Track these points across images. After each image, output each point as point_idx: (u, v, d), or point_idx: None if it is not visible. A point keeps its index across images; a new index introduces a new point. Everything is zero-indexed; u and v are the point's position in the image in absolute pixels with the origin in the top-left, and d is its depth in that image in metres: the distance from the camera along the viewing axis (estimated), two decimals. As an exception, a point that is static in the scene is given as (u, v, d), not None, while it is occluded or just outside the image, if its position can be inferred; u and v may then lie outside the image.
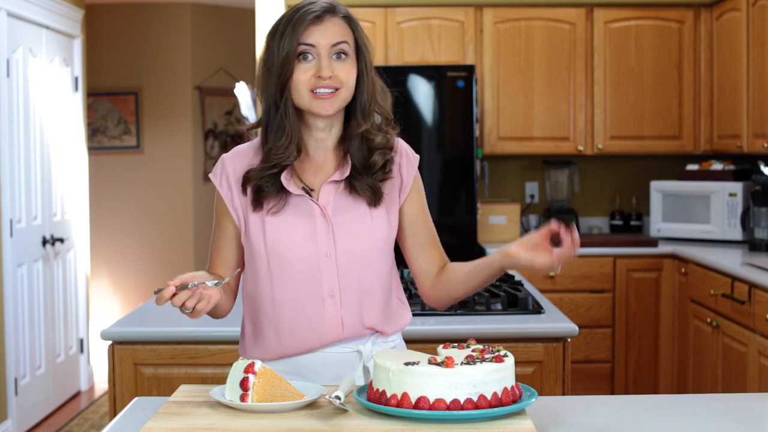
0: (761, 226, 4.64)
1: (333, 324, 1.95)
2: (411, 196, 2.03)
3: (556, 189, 5.46)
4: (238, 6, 7.42)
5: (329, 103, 1.90)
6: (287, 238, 1.93)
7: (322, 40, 1.89)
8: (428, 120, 4.83)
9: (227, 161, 2.01)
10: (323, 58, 1.89)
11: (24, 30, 5.03)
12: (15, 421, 4.79)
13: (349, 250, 1.94)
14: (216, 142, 7.57)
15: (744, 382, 3.92)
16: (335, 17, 1.92)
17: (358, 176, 1.96)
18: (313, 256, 1.93)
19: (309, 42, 1.89)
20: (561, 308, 4.66)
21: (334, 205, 1.95)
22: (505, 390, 1.67)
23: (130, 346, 2.71)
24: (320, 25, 1.90)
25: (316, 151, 1.99)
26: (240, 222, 1.98)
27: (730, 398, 2.08)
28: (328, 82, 1.88)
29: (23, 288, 4.95)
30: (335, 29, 1.91)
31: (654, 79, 5.23)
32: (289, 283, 1.94)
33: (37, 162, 5.19)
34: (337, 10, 1.93)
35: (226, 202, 1.99)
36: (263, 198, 1.94)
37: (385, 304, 2.01)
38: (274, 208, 1.94)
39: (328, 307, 1.95)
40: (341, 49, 1.91)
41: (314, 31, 1.89)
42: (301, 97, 1.90)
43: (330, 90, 1.89)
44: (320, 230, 1.94)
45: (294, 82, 1.90)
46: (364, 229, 1.96)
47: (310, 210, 1.94)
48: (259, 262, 1.96)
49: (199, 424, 1.68)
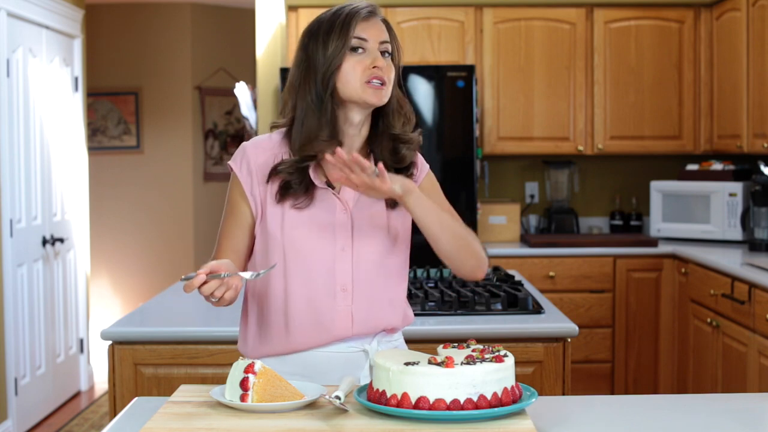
0: (761, 226, 4.64)
1: (343, 318, 1.96)
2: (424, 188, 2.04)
3: (556, 189, 5.46)
4: (238, 6, 7.42)
5: (381, 93, 1.95)
6: (306, 230, 1.96)
7: (373, 35, 1.95)
8: (428, 120, 4.84)
9: (249, 149, 2.02)
10: (375, 52, 1.95)
11: (24, 30, 5.03)
12: (15, 421, 4.79)
13: (365, 245, 1.97)
14: (216, 142, 7.57)
15: (744, 382, 3.92)
16: (379, 18, 2.00)
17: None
18: (329, 249, 1.96)
19: (362, 36, 1.94)
20: (561, 308, 4.67)
21: (356, 201, 1.98)
22: (505, 390, 1.67)
23: (130, 346, 2.71)
24: (370, 21, 1.96)
25: (343, 147, 2.00)
26: (257, 210, 1.99)
27: (730, 398, 2.08)
28: (380, 73, 1.94)
29: (23, 288, 4.95)
30: (382, 28, 1.99)
31: (654, 79, 5.23)
32: (303, 274, 1.96)
33: (37, 162, 5.19)
34: (378, 13, 2.01)
35: (245, 188, 1.99)
36: (290, 194, 1.96)
37: (393, 302, 2.03)
38: (300, 204, 1.96)
39: (339, 301, 1.96)
40: (387, 48, 1.98)
41: (366, 27, 1.96)
42: (353, 87, 1.93)
43: (381, 82, 1.94)
44: (339, 224, 1.96)
45: (344, 74, 1.93)
46: (382, 227, 2.00)
47: (332, 204, 1.97)
48: (274, 251, 1.97)
49: (199, 424, 1.68)
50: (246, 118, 5.09)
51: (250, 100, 5.06)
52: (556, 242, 5.01)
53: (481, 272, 2.03)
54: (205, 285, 1.77)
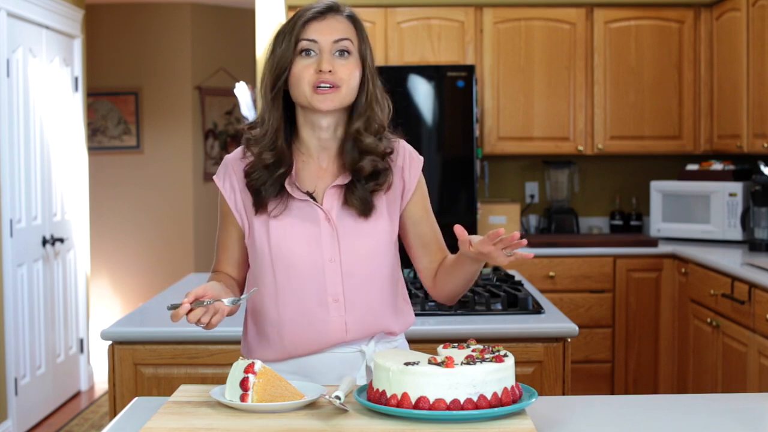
0: (761, 226, 4.64)
1: (337, 328, 1.95)
2: (415, 197, 2.02)
3: (556, 189, 5.46)
4: (238, 6, 7.42)
5: (329, 99, 1.88)
6: (292, 243, 1.93)
7: (323, 36, 1.88)
8: (428, 120, 4.83)
9: (230, 163, 2.01)
10: (325, 54, 1.88)
11: (24, 30, 5.03)
12: (15, 421, 4.79)
13: (353, 254, 1.94)
14: (216, 142, 7.57)
15: (744, 382, 3.92)
16: (339, 15, 1.92)
17: (356, 184, 1.95)
18: (317, 260, 1.93)
19: (310, 38, 1.87)
20: (561, 308, 4.67)
21: (338, 210, 1.95)
22: (505, 390, 1.67)
23: (130, 346, 2.71)
24: (322, 21, 1.89)
25: (320, 153, 1.98)
26: (244, 224, 1.99)
27: (730, 398, 2.08)
28: (328, 77, 1.86)
29: (23, 288, 4.95)
30: (338, 26, 1.90)
31: (654, 79, 5.23)
32: (294, 287, 1.94)
33: (37, 162, 5.19)
34: (340, 9, 1.92)
35: (230, 203, 1.99)
36: (264, 200, 1.94)
37: (389, 306, 2.01)
38: (275, 210, 1.94)
39: (332, 311, 1.95)
40: (344, 46, 1.89)
41: (316, 27, 1.88)
42: (302, 92, 1.89)
43: (330, 86, 1.88)
44: (325, 235, 1.94)
45: (294, 78, 1.89)
46: (367, 234, 1.95)
47: (315, 215, 1.94)
48: (263, 265, 1.96)
49: (199, 424, 1.68)
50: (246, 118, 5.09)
51: (250, 100, 5.06)
52: (556, 242, 5.01)
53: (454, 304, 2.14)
54: (191, 313, 1.78)
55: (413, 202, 2.02)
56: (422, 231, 2.04)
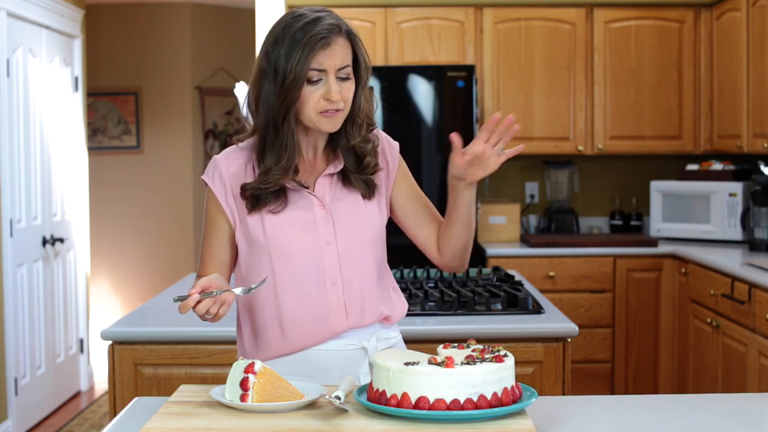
0: (761, 226, 4.64)
1: (337, 311, 1.98)
2: (398, 178, 2.10)
3: (556, 189, 5.46)
4: (238, 6, 7.42)
5: (335, 121, 1.96)
6: (288, 230, 1.97)
7: (330, 63, 1.92)
8: (428, 120, 4.83)
9: (220, 161, 2.05)
10: (331, 82, 1.93)
11: (24, 30, 5.03)
12: (15, 421, 4.79)
13: (349, 237, 2.00)
14: (216, 142, 7.57)
15: (744, 382, 3.92)
16: (340, 37, 1.94)
17: (352, 171, 2.03)
18: (314, 245, 1.97)
19: (320, 68, 1.92)
20: (561, 308, 4.67)
21: (331, 196, 2.01)
22: (505, 390, 1.67)
23: (130, 346, 2.71)
24: (328, 48, 1.92)
25: (308, 151, 2.05)
26: (234, 220, 2.01)
27: (730, 398, 2.08)
28: (334, 105, 1.94)
29: (23, 288, 4.95)
30: (342, 52, 1.94)
31: (654, 79, 5.23)
32: (292, 274, 1.97)
33: (37, 162, 5.19)
34: (341, 28, 1.95)
35: (220, 200, 2.02)
36: (262, 204, 1.98)
37: (383, 291, 2.06)
38: (276, 208, 1.98)
39: (331, 295, 1.98)
40: (346, 72, 1.95)
41: (323, 56, 1.91)
42: (308, 116, 1.95)
43: (336, 110, 1.95)
44: (320, 220, 1.99)
45: (302, 104, 1.93)
46: (361, 217, 2.02)
47: (308, 202, 2.00)
48: (260, 257, 1.98)
49: (199, 424, 1.68)
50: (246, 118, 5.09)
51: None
52: (556, 242, 5.01)
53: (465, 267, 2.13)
54: (200, 304, 1.80)
55: (399, 183, 2.10)
56: (415, 205, 2.11)
